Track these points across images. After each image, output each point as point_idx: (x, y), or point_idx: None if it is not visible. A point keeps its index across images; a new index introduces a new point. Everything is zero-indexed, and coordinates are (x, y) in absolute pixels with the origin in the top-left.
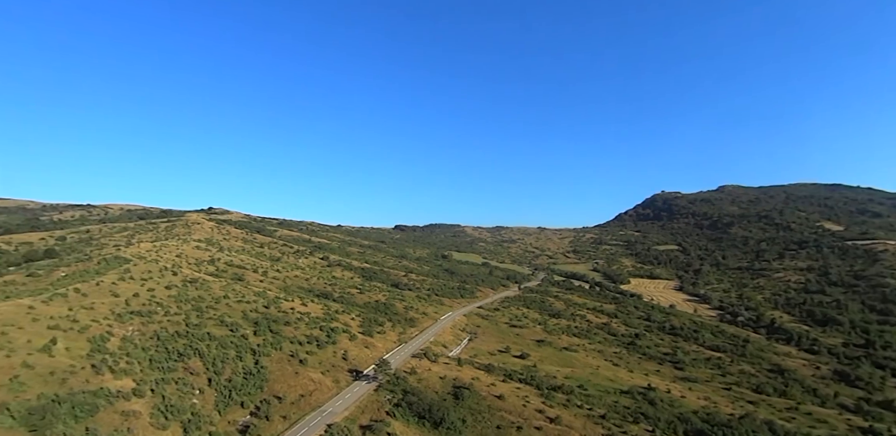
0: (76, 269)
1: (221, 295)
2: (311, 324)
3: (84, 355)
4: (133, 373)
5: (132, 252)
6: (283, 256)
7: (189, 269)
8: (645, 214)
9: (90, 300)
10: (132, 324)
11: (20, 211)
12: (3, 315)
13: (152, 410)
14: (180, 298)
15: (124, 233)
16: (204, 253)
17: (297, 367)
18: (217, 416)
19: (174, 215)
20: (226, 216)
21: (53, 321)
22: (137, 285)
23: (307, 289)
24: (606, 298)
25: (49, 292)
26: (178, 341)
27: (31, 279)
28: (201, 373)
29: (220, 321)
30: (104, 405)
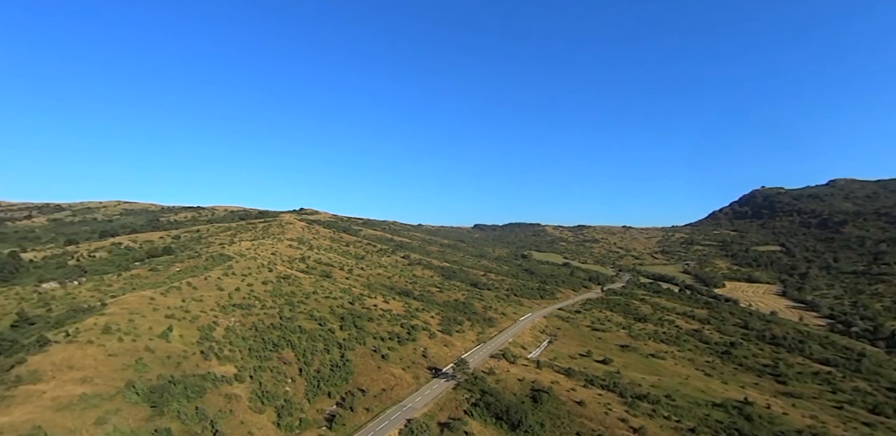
0: (188, 265)
1: (311, 291)
2: (393, 321)
3: (194, 342)
4: (235, 360)
5: (234, 250)
6: (367, 255)
7: (283, 266)
8: (742, 211)
9: (200, 293)
10: (234, 316)
11: (144, 213)
12: (130, 305)
13: (251, 394)
14: (275, 293)
15: (228, 232)
16: (296, 251)
17: (380, 362)
18: (307, 404)
19: (270, 216)
20: (315, 216)
21: (170, 311)
22: (238, 281)
23: (389, 287)
24: (698, 302)
25: (166, 285)
26: (273, 332)
27: (152, 273)
28: (293, 363)
29: (310, 316)
30: (211, 388)
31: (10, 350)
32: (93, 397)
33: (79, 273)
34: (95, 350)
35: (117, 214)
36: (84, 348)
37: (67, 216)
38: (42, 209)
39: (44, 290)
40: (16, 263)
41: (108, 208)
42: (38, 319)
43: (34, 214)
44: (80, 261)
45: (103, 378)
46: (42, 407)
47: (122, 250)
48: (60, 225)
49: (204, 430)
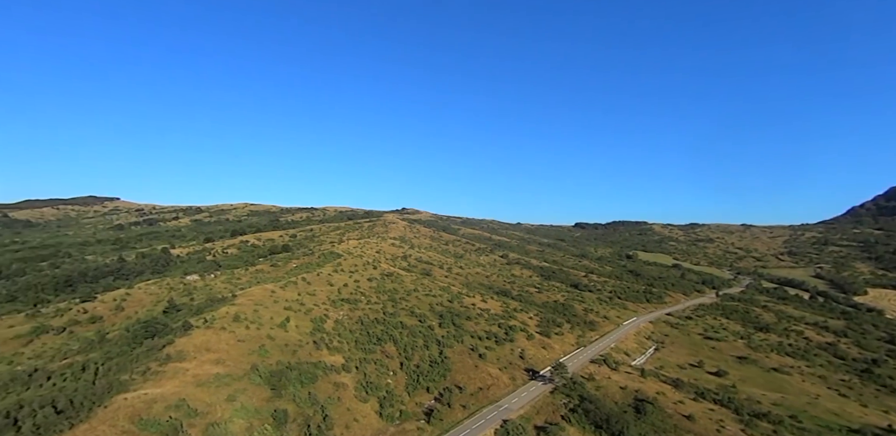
0: (303, 261)
1: (412, 288)
2: (491, 320)
3: (308, 332)
4: (343, 351)
5: (342, 248)
6: (466, 254)
7: (386, 263)
8: (889, 207)
9: (313, 288)
10: (343, 310)
11: (266, 214)
12: (255, 297)
13: (356, 384)
14: (379, 290)
15: (337, 231)
16: (398, 250)
17: (477, 360)
18: (407, 397)
19: (375, 216)
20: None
21: (287, 303)
22: (346, 277)
23: (487, 286)
24: (833, 311)
25: (285, 280)
26: (376, 326)
27: (273, 269)
28: (395, 357)
29: (411, 312)
30: (321, 376)
31: (162, 332)
32: (225, 376)
33: (215, 267)
34: (227, 336)
35: (245, 214)
36: (218, 333)
37: (205, 217)
38: (186, 211)
39: (188, 281)
40: (167, 258)
41: (237, 210)
42: (184, 307)
43: (180, 215)
44: (215, 256)
45: (233, 361)
46: (186, 382)
47: (249, 248)
48: (200, 225)
49: (315, 413)
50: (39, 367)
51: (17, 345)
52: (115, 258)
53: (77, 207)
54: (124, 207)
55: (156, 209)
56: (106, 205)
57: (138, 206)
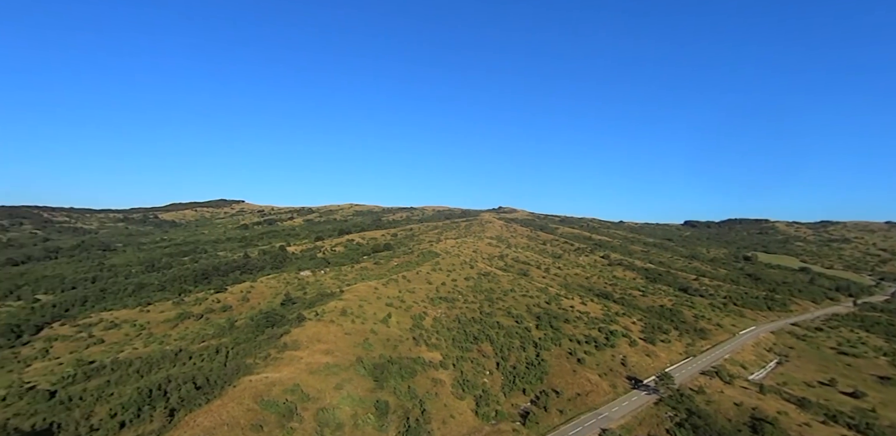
0: (403, 260)
1: (509, 288)
2: (590, 324)
3: (408, 328)
4: (440, 348)
5: (440, 248)
6: (564, 254)
7: (483, 263)
8: None
9: (412, 286)
10: (440, 308)
11: (370, 213)
12: (360, 293)
13: (453, 381)
14: (476, 289)
15: (435, 231)
16: (494, 249)
17: (575, 365)
18: (502, 397)
19: (471, 215)
20: (513, 215)
21: (389, 300)
22: (444, 276)
23: (587, 288)
24: None
25: (387, 278)
26: (473, 325)
27: (376, 266)
28: (491, 357)
29: (508, 313)
30: (420, 371)
31: (280, 323)
32: (333, 366)
33: (324, 264)
34: (336, 328)
35: (351, 214)
36: (328, 326)
37: (316, 217)
38: (299, 212)
39: (301, 277)
40: (284, 255)
41: (343, 210)
42: (298, 300)
43: (294, 216)
44: (324, 254)
45: (341, 352)
46: (299, 369)
47: (354, 246)
48: (312, 224)
49: (414, 407)
50: (183, 348)
51: (166, 328)
52: (241, 255)
53: (211, 209)
54: (248, 209)
55: (274, 210)
56: (234, 207)
57: (260, 207)
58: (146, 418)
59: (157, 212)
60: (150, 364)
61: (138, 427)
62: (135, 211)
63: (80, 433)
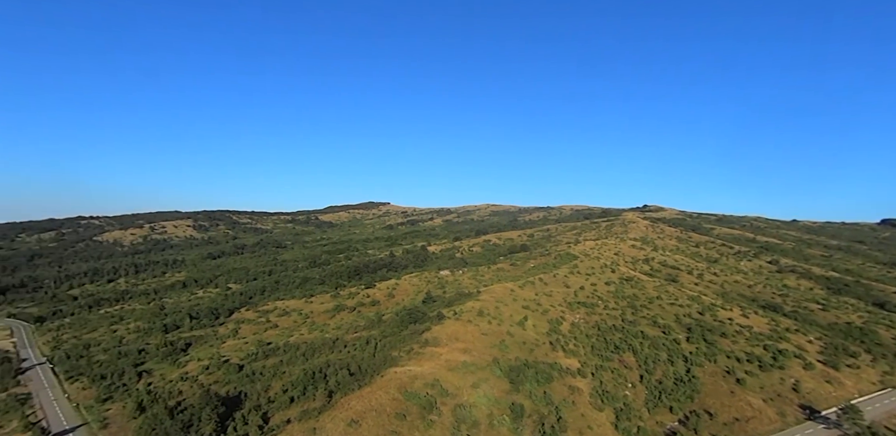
0: (540, 262)
1: (654, 295)
2: (753, 340)
3: (545, 332)
4: (578, 355)
5: (579, 250)
6: (722, 258)
7: (625, 267)
8: None
9: (549, 289)
10: (579, 313)
11: (506, 214)
12: (496, 294)
13: (591, 391)
14: (617, 295)
15: (573, 231)
16: (638, 252)
17: (733, 386)
18: (646, 413)
19: (612, 215)
20: (660, 214)
21: (525, 303)
22: (583, 279)
23: (749, 297)
24: None
25: (523, 279)
26: (614, 334)
27: (512, 267)
28: (634, 368)
29: (653, 322)
30: (557, 377)
31: (421, 319)
32: (470, 365)
33: (462, 264)
34: (473, 328)
35: (487, 214)
36: (465, 325)
37: (454, 217)
38: (439, 213)
39: (441, 276)
40: (425, 254)
41: (480, 210)
42: (438, 299)
43: (434, 216)
44: (462, 254)
45: (478, 351)
46: (439, 366)
47: (491, 246)
48: (450, 224)
49: (550, 413)
50: (339, 337)
51: (325, 318)
52: (388, 253)
53: (361, 211)
54: (393, 211)
55: (416, 211)
56: (380, 208)
57: (403, 209)
58: (310, 396)
59: (317, 214)
60: (313, 349)
61: (304, 403)
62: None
63: (261, 403)
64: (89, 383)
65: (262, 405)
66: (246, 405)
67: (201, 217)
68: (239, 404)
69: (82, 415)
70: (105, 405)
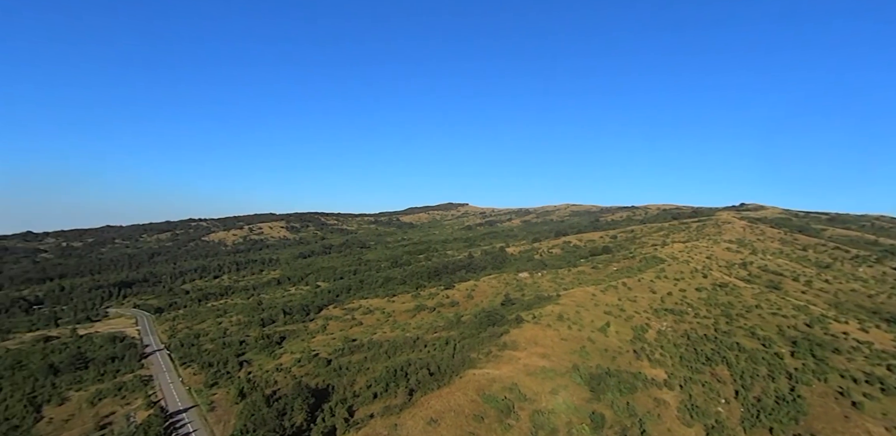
0: (623, 265)
1: (753, 304)
2: (874, 358)
3: (628, 340)
4: (665, 365)
5: (666, 253)
6: (835, 263)
7: (719, 272)
8: None
9: (633, 294)
10: (666, 320)
11: (587, 214)
12: (577, 298)
13: (679, 405)
14: (709, 302)
15: (660, 233)
16: (734, 255)
17: (848, 410)
18: (741, 432)
19: (704, 214)
20: (759, 213)
21: (607, 308)
22: (671, 285)
23: (870, 309)
24: None
25: (605, 283)
26: (706, 344)
27: (594, 271)
28: (728, 383)
29: (751, 333)
30: (641, 388)
31: (500, 322)
32: (549, 370)
33: (541, 266)
34: (552, 333)
35: (567, 215)
36: (545, 329)
37: (533, 218)
38: (517, 213)
39: (520, 278)
40: (503, 256)
41: (560, 211)
42: (516, 301)
43: (512, 217)
44: (541, 256)
45: (557, 357)
46: (517, 370)
47: (571, 248)
48: (529, 225)
49: (633, 425)
50: (419, 336)
51: (406, 317)
52: (466, 255)
53: (440, 212)
54: (471, 211)
55: (494, 212)
56: (459, 209)
57: (481, 209)
58: (392, 393)
59: (398, 215)
60: (395, 347)
61: (386, 400)
62: (382, 215)
63: (346, 396)
64: (199, 369)
65: (348, 399)
66: (333, 398)
67: (293, 219)
68: (327, 396)
69: (193, 398)
70: (212, 390)
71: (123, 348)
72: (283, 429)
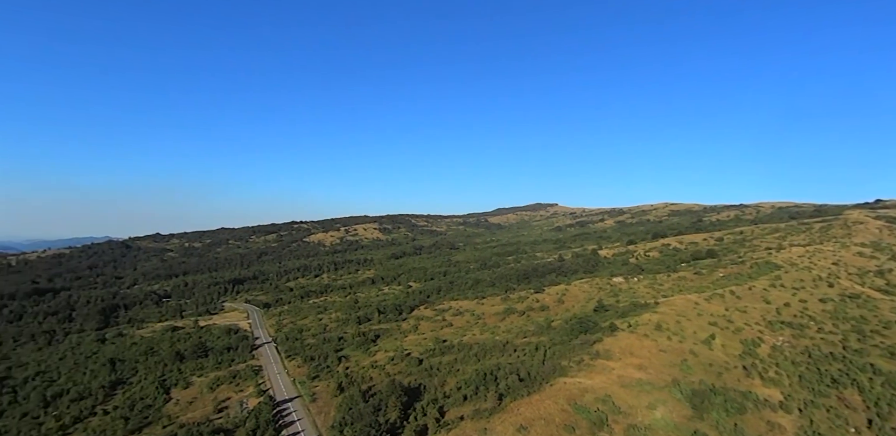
0: (731, 271)
1: (892, 319)
2: None
3: (737, 354)
4: (781, 385)
5: (783, 258)
6: None
7: (848, 280)
8: None
9: (743, 304)
10: (782, 334)
11: (688, 213)
12: (677, 306)
13: (797, 430)
14: (836, 316)
15: (775, 235)
16: (868, 261)
17: None
18: None
19: (829, 213)
20: None
21: (712, 318)
22: (788, 294)
23: None
24: None
25: (709, 291)
26: (831, 364)
27: (697, 277)
28: (859, 410)
29: (889, 353)
30: (751, 408)
31: (592, 329)
32: (646, 383)
33: (637, 271)
34: (649, 343)
35: (665, 215)
36: (641, 339)
37: (628, 218)
38: (610, 213)
39: (614, 283)
40: (595, 259)
41: (657, 210)
42: (610, 308)
43: (605, 217)
44: (637, 259)
45: (654, 369)
46: (611, 380)
47: (670, 251)
48: (623, 226)
49: None
50: (509, 340)
51: (495, 320)
52: (556, 257)
53: (528, 213)
54: (561, 212)
55: (585, 212)
56: (548, 210)
57: (571, 210)
58: (482, 396)
59: (486, 216)
60: (484, 350)
61: (476, 403)
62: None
63: (437, 397)
64: (302, 362)
65: (439, 399)
66: (425, 397)
67: (385, 221)
68: (419, 395)
69: (297, 388)
70: (314, 382)
71: (237, 339)
72: (378, 425)
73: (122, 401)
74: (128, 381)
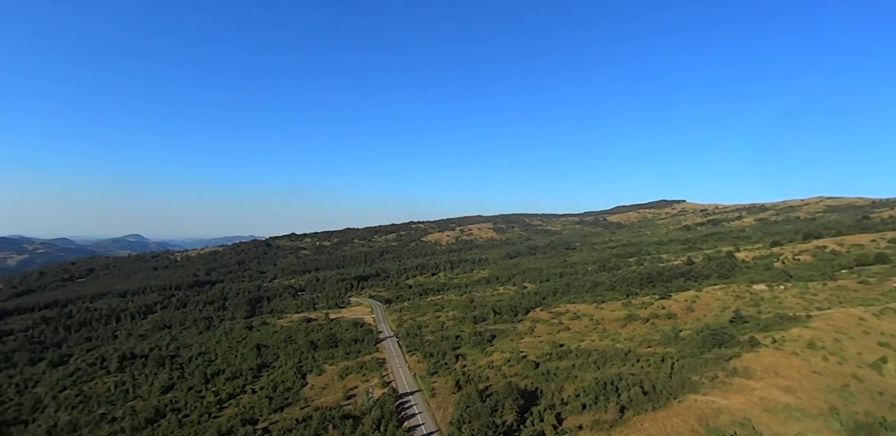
0: None
1: None
2: None
3: None
4: None
5: None
6: None
7: None
8: None
9: None
10: None
11: (849, 209)
12: (836, 322)
13: None
14: None
15: None
16: None
17: None
18: None
19: None
20: None
21: (884, 338)
22: None
23: None
24: None
25: (880, 304)
26: None
27: (862, 286)
28: None
29: None
30: None
31: (728, 343)
32: (795, 409)
33: (784, 277)
34: (800, 363)
35: (820, 211)
36: (789, 357)
37: (771, 215)
38: (749, 210)
39: (754, 291)
40: (731, 263)
41: (809, 206)
42: (750, 319)
43: (743, 214)
44: (784, 263)
45: (806, 394)
46: (751, 403)
47: (827, 255)
48: (765, 224)
49: None
50: (631, 348)
51: (616, 326)
52: (684, 260)
53: (652, 210)
54: (690, 209)
55: (718, 209)
56: (674, 207)
57: (702, 206)
58: (602, 406)
59: (605, 215)
60: (604, 358)
61: (595, 413)
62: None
63: (554, 403)
64: (422, 358)
65: (556, 405)
66: (541, 402)
67: (499, 220)
68: (535, 399)
69: (417, 383)
70: (433, 378)
71: (363, 332)
72: (494, 425)
73: (267, 382)
74: (271, 365)
